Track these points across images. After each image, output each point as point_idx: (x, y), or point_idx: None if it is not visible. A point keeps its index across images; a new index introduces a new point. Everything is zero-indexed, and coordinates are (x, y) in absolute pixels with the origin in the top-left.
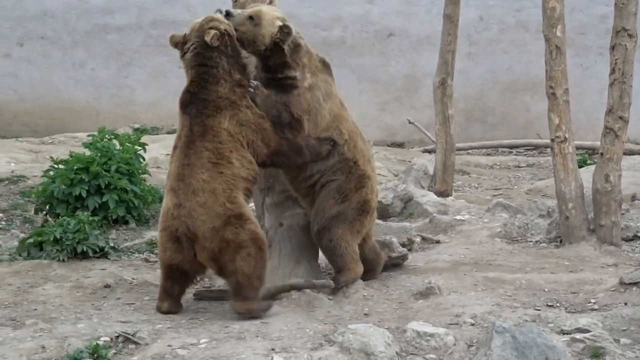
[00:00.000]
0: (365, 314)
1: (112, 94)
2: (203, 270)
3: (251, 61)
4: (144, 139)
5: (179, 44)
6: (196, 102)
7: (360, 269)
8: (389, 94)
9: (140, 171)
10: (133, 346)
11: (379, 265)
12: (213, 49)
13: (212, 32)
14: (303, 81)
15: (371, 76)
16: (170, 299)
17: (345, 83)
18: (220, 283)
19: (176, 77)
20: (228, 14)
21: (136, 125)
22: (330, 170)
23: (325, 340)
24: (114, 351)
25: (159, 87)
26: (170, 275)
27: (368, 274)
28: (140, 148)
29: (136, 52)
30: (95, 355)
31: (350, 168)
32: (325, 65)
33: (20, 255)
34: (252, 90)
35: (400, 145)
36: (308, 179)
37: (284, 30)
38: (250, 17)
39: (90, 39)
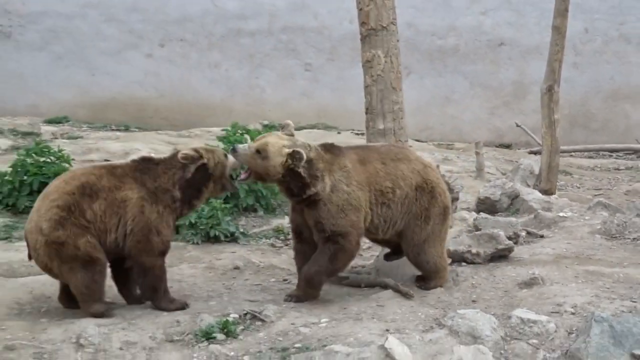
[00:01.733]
0: (473, 301)
1: (244, 93)
2: None
3: None
4: None
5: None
6: (145, 163)
7: (447, 274)
8: (498, 99)
9: None
10: (259, 323)
11: None
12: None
13: (188, 153)
14: (324, 190)
15: (482, 82)
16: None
17: (459, 88)
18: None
19: (303, 79)
20: (234, 150)
21: (265, 122)
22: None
23: (436, 324)
24: (242, 327)
25: (286, 87)
26: None
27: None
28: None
29: (267, 55)
30: (225, 330)
31: (420, 191)
32: (331, 151)
33: None
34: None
35: (507, 146)
36: (383, 229)
37: (295, 156)
38: (258, 151)
39: (225, 42)
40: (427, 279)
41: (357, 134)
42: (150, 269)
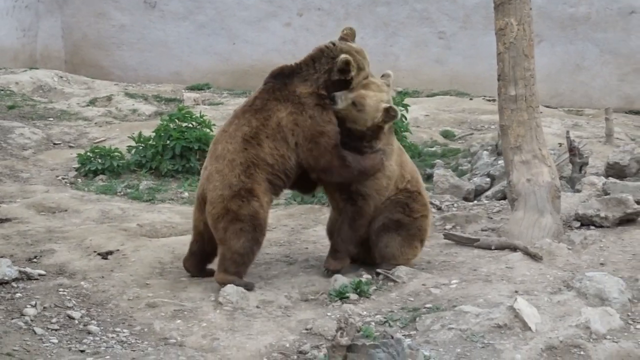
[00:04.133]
0: (601, 264)
1: (379, 60)
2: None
3: None
4: (407, 100)
5: None
6: (279, 79)
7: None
8: (629, 65)
9: (402, 129)
10: (391, 284)
11: None
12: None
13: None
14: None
15: (613, 49)
16: (193, 259)
17: (589, 55)
18: (470, 230)
19: (436, 47)
20: (332, 100)
21: (399, 89)
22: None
23: (564, 286)
24: (374, 287)
25: (420, 55)
26: (196, 237)
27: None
28: (403, 109)
29: (401, 23)
30: (358, 290)
31: (414, 199)
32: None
33: (294, 200)
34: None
35: (637, 112)
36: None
37: (390, 113)
38: (354, 104)
39: (361, 10)
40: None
41: (489, 100)
42: (337, 174)
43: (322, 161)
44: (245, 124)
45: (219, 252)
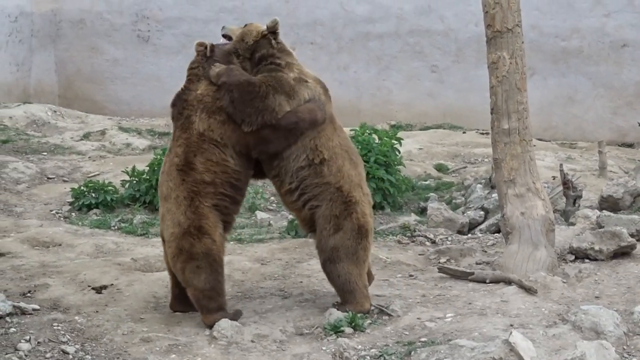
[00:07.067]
0: (596, 297)
1: (372, 94)
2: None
3: None
4: (400, 134)
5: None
6: (178, 104)
7: (368, 304)
8: (621, 99)
9: (395, 163)
10: (386, 318)
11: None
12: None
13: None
14: (289, 72)
15: (605, 83)
16: (177, 302)
17: (582, 89)
18: (464, 264)
19: (429, 81)
20: (223, 28)
21: (392, 122)
22: (310, 189)
23: (560, 319)
24: (369, 321)
25: (413, 89)
26: (173, 280)
27: None
28: (396, 142)
29: (394, 57)
30: (353, 324)
31: (332, 194)
32: (320, 82)
33: (288, 234)
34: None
35: (630, 145)
36: (289, 185)
37: (272, 22)
38: (241, 37)
39: (354, 45)
40: (342, 303)
41: (482, 133)
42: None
43: (249, 131)
44: (175, 156)
45: (189, 294)
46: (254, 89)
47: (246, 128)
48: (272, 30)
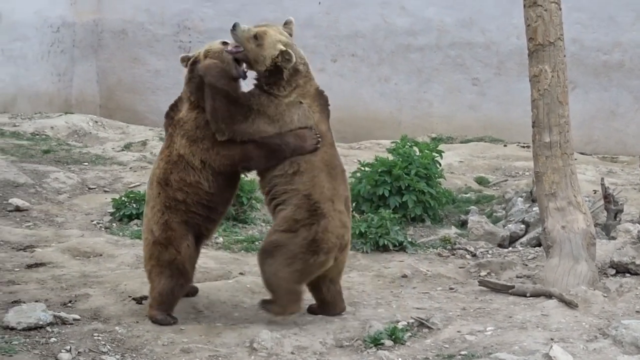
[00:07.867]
0: (637, 311)
1: (412, 106)
2: None
3: None
4: (440, 147)
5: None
6: (167, 118)
7: (295, 309)
8: None
9: (436, 175)
10: (427, 330)
11: (333, 311)
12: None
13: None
14: (285, 98)
15: None
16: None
17: (624, 102)
18: (504, 277)
19: (470, 93)
20: (234, 27)
21: (433, 135)
22: (279, 194)
23: (600, 334)
24: (409, 334)
25: (453, 101)
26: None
27: (322, 312)
28: (437, 155)
29: (435, 69)
30: (393, 336)
31: (299, 200)
32: (321, 97)
33: None
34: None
35: None
36: (264, 188)
37: (285, 56)
38: (255, 37)
39: (395, 57)
40: (270, 302)
41: (523, 146)
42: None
43: (236, 154)
44: (157, 167)
45: (149, 290)
46: (236, 107)
47: (220, 137)
48: (286, 59)
